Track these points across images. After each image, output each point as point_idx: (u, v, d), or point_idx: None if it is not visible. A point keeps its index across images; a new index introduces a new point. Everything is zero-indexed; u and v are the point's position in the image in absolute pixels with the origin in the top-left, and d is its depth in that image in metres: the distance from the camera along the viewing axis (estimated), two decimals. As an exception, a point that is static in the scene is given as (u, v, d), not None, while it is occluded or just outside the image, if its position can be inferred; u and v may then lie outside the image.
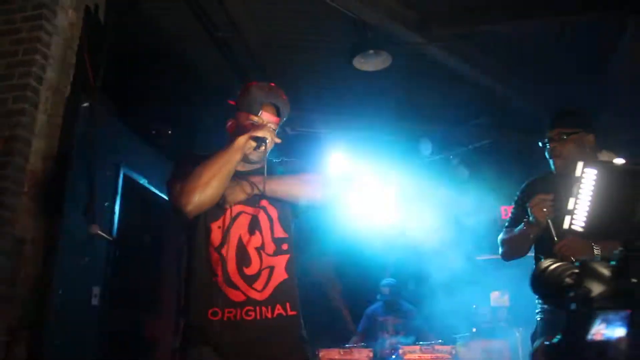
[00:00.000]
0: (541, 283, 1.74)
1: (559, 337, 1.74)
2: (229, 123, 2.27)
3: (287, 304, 2.11)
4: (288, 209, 2.24)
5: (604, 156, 2.85)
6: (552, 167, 2.92)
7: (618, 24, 4.50)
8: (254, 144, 2.09)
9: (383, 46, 5.00)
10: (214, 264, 2.08)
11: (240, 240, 2.12)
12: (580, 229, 1.63)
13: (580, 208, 1.62)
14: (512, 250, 3.06)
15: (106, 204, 3.98)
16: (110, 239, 3.49)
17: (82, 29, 3.87)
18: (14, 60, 3.53)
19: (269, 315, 2.08)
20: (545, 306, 2.82)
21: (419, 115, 6.26)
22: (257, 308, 2.07)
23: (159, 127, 5.03)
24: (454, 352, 4.93)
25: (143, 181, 4.61)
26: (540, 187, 2.95)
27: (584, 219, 1.61)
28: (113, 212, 4.08)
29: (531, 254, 3.06)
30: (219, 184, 2.02)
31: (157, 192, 4.85)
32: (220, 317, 2.04)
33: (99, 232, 3.34)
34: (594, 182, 1.59)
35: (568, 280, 1.62)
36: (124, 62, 4.70)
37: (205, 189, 2.00)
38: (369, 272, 6.59)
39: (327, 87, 6.25)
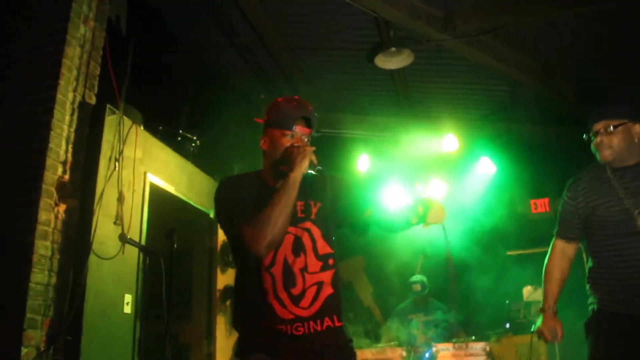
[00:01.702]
0: None
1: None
2: (262, 141, 2.33)
3: (335, 317, 2.20)
4: (331, 224, 2.33)
5: None
6: (600, 159, 2.83)
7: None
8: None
9: (405, 44, 4.97)
10: (264, 283, 2.18)
11: (285, 260, 2.20)
12: None
13: None
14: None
15: (134, 212, 4.02)
16: (140, 246, 3.53)
17: (105, 40, 3.93)
18: (41, 74, 3.61)
19: (319, 329, 2.17)
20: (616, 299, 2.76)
21: (444, 111, 6.19)
22: (306, 324, 2.16)
23: (184, 134, 5.07)
24: (487, 348, 4.86)
25: (170, 188, 4.65)
26: (592, 183, 2.88)
27: None
28: (141, 220, 4.12)
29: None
30: (286, 223, 2.11)
31: (184, 199, 4.88)
32: (272, 330, 2.15)
33: (129, 240, 3.38)
34: None
35: None
36: (149, 72, 4.76)
37: (275, 232, 2.08)
38: (399, 271, 6.54)
39: (350, 87, 6.24)
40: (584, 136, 2.91)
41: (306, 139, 2.26)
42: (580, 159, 3.19)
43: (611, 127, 2.78)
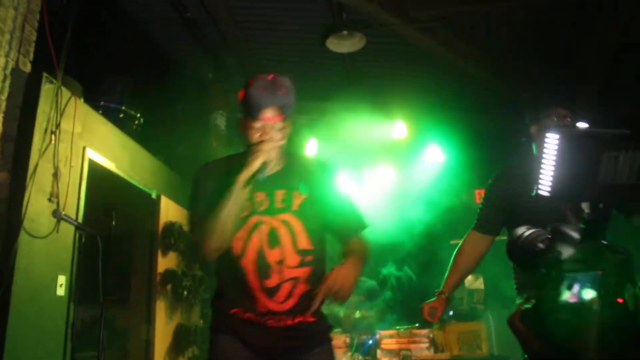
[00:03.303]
0: (516, 250, 1.81)
1: (533, 301, 1.82)
2: (241, 122, 2.19)
3: (308, 313, 2.13)
4: (321, 224, 2.22)
5: None
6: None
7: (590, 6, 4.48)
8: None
9: (357, 27, 4.91)
10: (236, 274, 2.13)
11: (259, 252, 2.12)
12: (546, 194, 1.62)
13: (545, 173, 1.63)
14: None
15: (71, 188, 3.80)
16: (76, 224, 3.32)
17: (43, 4, 3.67)
18: (-31, 36, 3.34)
19: (290, 322, 2.14)
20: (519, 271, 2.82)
21: (395, 98, 6.18)
22: (277, 317, 2.13)
23: (127, 111, 4.84)
24: (431, 335, 4.90)
25: (111, 166, 4.43)
26: (514, 172, 2.91)
27: (550, 183, 1.61)
28: (79, 198, 3.90)
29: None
30: (232, 227, 2.06)
31: (125, 177, 4.67)
32: (243, 317, 2.15)
33: (64, 216, 3.17)
34: (556, 147, 1.59)
35: (541, 245, 1.69)
36: (91, 44, 4.52)
37: (222, 237, 2.04)
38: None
39: (301, 70, 6.13)
40: (527, 117, 2.91)
41: (277, 127, 2.10)
42: (528, 151, 3.10)
43: (569, 119, 2.78)
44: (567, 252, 1.61)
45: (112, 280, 3.85)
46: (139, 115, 4.97)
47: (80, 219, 3.81)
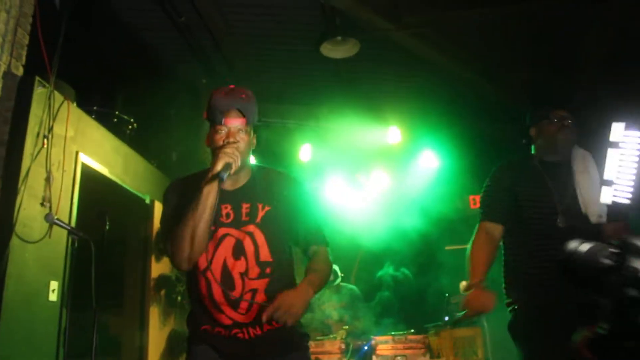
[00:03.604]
0: (572, 268, 1.54)
1: (605, 327, 1.54)
2: (207, 135, 2.20)
3: (273, 322, 2.08)
4: (284, 236, 2.25)
5: None
6: (543, 150, 2.86)
7: (585, 10, 4.50)
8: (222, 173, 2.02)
9: (351, 33, 4.92)
10: (201, 287, 2.16)
11: (225, 264, 2.15)
12: (626, 201, 1.48)
13: (623, 177, 1.46)
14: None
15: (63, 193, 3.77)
16: (69, 228, 3.29)
17: (36, 8, 3.66)
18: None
19: (258, 333, 2.17)
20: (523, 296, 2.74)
21: (389, 103, 6.19)
22: (244, 329, 2.16)
23: (121, 116, 4.82)
24: (426, 341, 4.87)
25: (104, 170, 4.40)
26: (520, 170, 2.88)
27: (630, 189, 1.46)
28: (71, 203, 3.87)
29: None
30: (204, 235, 2.04)
31: (119, 182, 4.64)
32: (213, 332, 2.19)
33: (56, 220, 3.14)
34: (639, 147, 1.41)
35: (606, 261, 1.45)
36: (84, 48, 4.51)
37: (192, 246, 2.03)
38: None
39: (294, 76, 6.13)
40: (527, 119, 2.92)
41: (241, 130, 2.12)
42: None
43: (570, 120, 2.81)
44: None
45: (105, 286, 3.81)
46: (132, 120, 4.95)
47: (72, 224, 3.78)
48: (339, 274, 5.91)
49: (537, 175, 2.80)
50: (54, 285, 3.63)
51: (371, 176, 6.75)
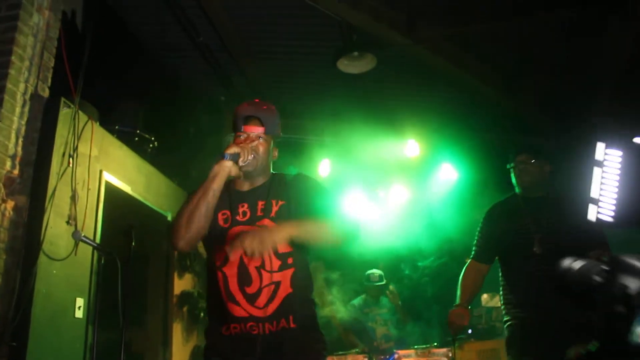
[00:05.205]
0: (566, 284, 1.58)
1: (595, 343, 1.56)
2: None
3: (291, 317, 2.16)
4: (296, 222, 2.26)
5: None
6: (518, 189, 3.32)
7: (599, 20, 4.48)
8: (230, 164, 2.12)
9: (368, 48, 4.95)
10: (218, 283, 2.19)
11: (241, 259, 2.16)
12: (609, 219, 1.52)
13: (606, 195, 1.49)
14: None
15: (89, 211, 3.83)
16: (96, 245, 3.34)
17: (60, 33, 3.75)
18: (-11, 62, 3.41)
19: (273, 329, 2.15)
20: (521, 313, 3.13)
21: (407, 117, 6.20)
22: (260, 324, 2.14)
23: (142, 134, 4.90)
24: (450, 354, 4.83)
25: (127, 188, 4.47)
26: (505, 211, 3.33)
27: (613, 207, 1.48)
28: (96, 220, 3.94)
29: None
30: (201, 216, 2.08)
31: (141, 199, 4.71)
32: (230, 332, 2.17)
33: (83, 237, 3.19)
34: (619, 166, 1.46)
35: (597, 278, 1.47)
36: (106, 69, 4.59)
37: (190, 225, 2.07)
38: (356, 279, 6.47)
39: (313, 92, 6.18)
40: (507, 166, 3.37)
41: (260, 137, 2.24)
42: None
43: (532, 160, 3.25)
44: (634, 284, 1.39)
45: (130, 303, 3.84)
46: (153, 138, 5.02)
47: (97, 242, 3.84)
48: (383, 276, 6.01)
49: (519, 210, 3.25)
50: (80, 302, 3.68)
51: (391, 190, 6.75)
